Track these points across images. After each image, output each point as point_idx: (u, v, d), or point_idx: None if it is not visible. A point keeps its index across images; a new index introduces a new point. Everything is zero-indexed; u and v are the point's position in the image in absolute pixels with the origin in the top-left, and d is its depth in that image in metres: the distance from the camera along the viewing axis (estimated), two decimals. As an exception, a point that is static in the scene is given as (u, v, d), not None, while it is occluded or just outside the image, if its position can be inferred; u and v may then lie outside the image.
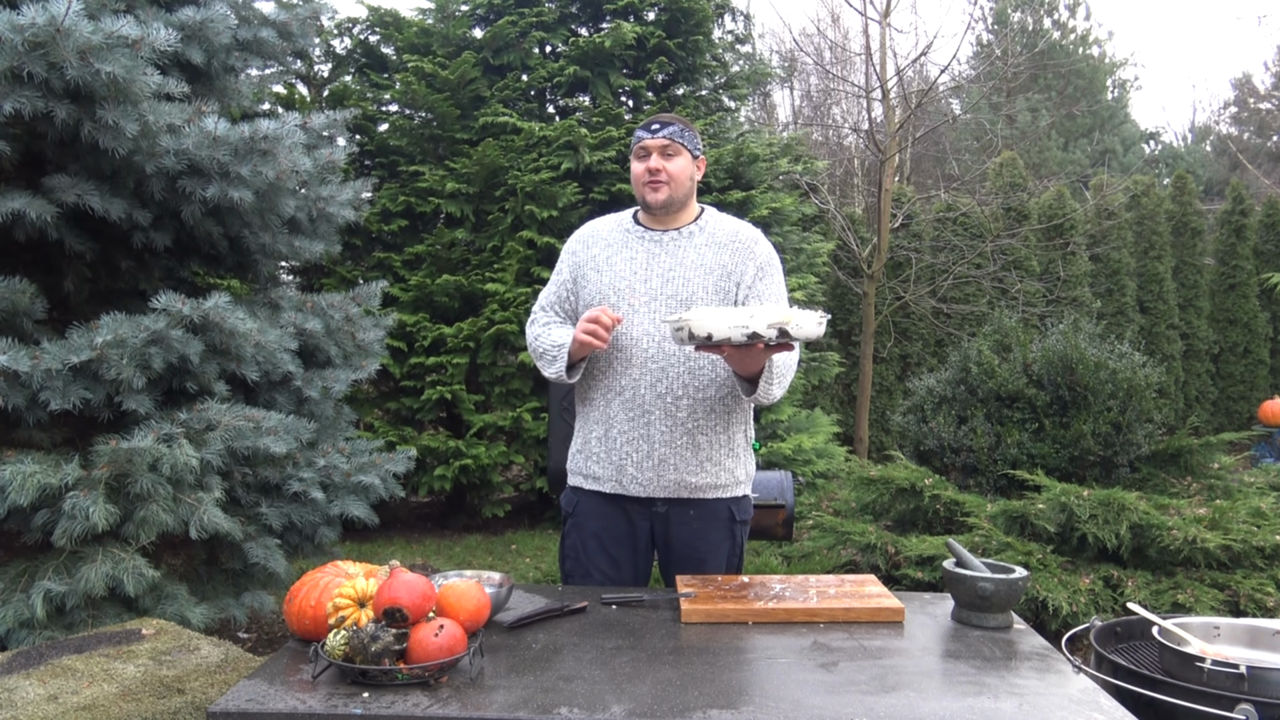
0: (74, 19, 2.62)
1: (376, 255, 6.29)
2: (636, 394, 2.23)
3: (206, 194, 3.12)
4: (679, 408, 2.22)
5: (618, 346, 2.24)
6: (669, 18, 6.63)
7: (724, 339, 1.88)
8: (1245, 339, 10.74)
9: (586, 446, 2.33)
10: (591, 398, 2.32)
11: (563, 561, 2.41)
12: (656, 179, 2.25)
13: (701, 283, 2.24)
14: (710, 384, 2.23)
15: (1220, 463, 4.25)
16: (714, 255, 2.27)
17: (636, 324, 2.23)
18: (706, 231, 2.32)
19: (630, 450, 2.24)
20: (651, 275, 2.26)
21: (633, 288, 2.25)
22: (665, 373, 2.21)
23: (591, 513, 2.33)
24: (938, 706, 1.52)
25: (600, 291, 2.28)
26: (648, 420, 2.22)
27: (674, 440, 2.22)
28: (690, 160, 2.29)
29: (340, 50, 6.91)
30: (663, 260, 2.27)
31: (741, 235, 2.32)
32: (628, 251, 2.31)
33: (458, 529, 6.39)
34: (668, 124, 2.26)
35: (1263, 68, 26.06)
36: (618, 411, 2.25)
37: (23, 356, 2.72)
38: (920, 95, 8.25)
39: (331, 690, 1.55)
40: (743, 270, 2.27)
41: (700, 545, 2.30)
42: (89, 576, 2.75)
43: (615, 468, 2.27)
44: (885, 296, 8.70)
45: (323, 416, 3.77)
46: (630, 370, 2.23)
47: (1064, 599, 3.33)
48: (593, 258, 2.34)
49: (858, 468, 4.64)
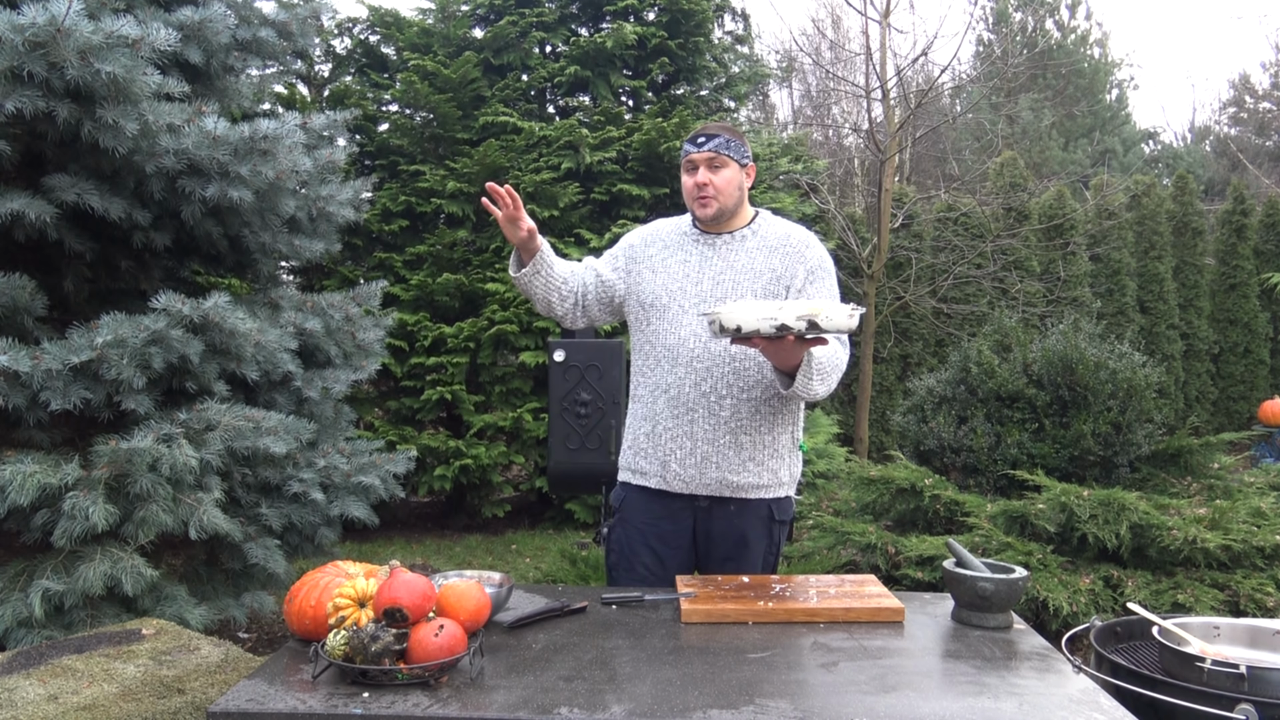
0: (74, 19, 2.62)
1: (377, 255, 6.29)
2: (681, 392, 2.26)
3: (206, 194, 3.12)
4: (722, 406, 2.25)
5: (665, 345, 2.29)
6: (669, 18, 6.64)
7: (752, 330, 1.90)
8: (1245, 339, 10.73)
9: (635, 443, 2.38)
10: (640, 395, 2.37)
11: (608, 555, 2.45)
12: (704, 194, 2.28)
13: (750, 286, 2.28)
14: (756, 385, 2.25)
15: (1220, 463, 4.25)
16: (764, 259, 2.31)
17: (685, 325, 2.27)
18: (759, 235, 2.34)
19: (674, 447, 2.28)
20: (703, 278, 2.30)
21: (684, 289, 2.30)
22: (710, 372, 2.25)
23: (637, 508, 2.37)
24: (938, 706, 1.52)
25: (654, 292, 2.33)
26: (692, 418, 2.26)
27: (717, 439, 2.25)
28: (738, 170, 2.31)
29: (340, 50, 6.91)
30: (714, 264, 2.32)
31: (793, 239, 2.34)
32: (682, 254, 2.35)
33: (458, 529, 6.39)
34: (713, 136, 2.28)
35: (1260, 68, 26.09)
36: (664, 409, 2.29)
37: (23, 357, 2.72)
38: (920, 95, 8.25)
39: (331, 690, 1.55)
40: (793, 274, 2.30)
41: (737, 541, 2.33)
42: (87, 576, 2.75)
43: (660, 463, 2.31)
44: (885, 296, 8.69)
45: (323, 416, 3.77)
46: (676, 369, 2.27)
47: (1064, 599, 3.33)
48: (649, 257, 2.39)
49: (858, 468, 4.63)
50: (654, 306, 2.33)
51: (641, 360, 2.37)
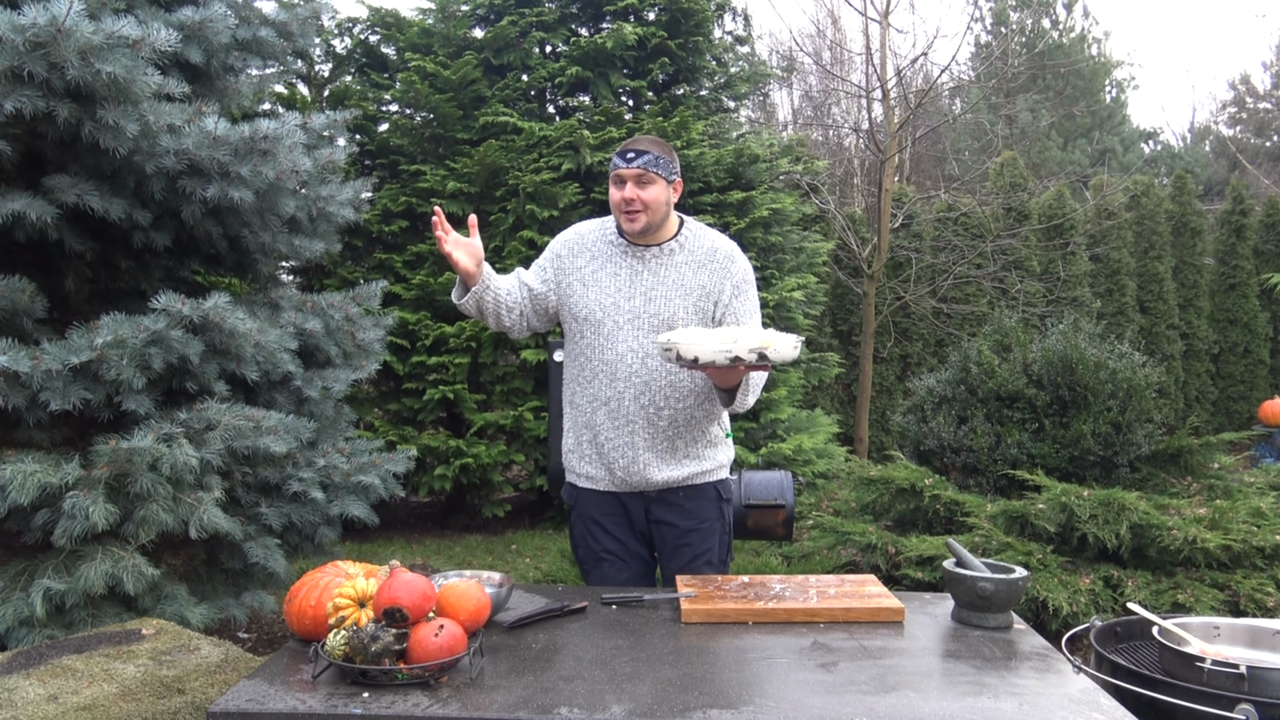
0: (75, 19, 2.62)
1: (377, 255, 6.29)
2: (621, 405, 2.36)
3: (206, 194, 3.12)
4: (660, 418, 2.36)
5: (604, 360, 2.36)
6: (669, 18, 6.64)
7: (709, 362, 2.02)
8: (1245, 339, 10.74)
9: (579, 447, 2.47)
10: (579, 403, 2.44)
11: (575, 550, 2.56)
12: (632, 209, 2.32)
13: (682, 303, 2.35)
14: (689, 394, 2.37)
15: (1220, 463, 4.25)
16: (693, 275, 2.37)
17: (621, 340, 2.35)
18: (686, 249, 2.40)
19: (617, 456, 2.39)
20: (635, 294, 2.37)
21: (617, 305, 2.37)
22: (648, 386, 2.34)
23: (591, 503, 2.48)
24: (938, 706, 1.52)
25: (586, 307, 2.39)
26: (632, 429, 2.36)
27: (656, 445, 2.37)
28: (666, 186, 2.35)
29: (341, 50, 6.91)
30: (645, 279, 2.38)
31: (719, 253, 2.41)
32: (612, 267, 2.40)
33: (458, 529, 6.39)
34: (643, 152, 2.32)
35: (1261, 68, 26.07)
36: (604, 420, 2.38)
37: (23, 357, 2.72)
38: (920, 95, 8.25)
39: (331, 690, 1.55)
40: (720, 289, 2.38)
41: (692, 522, 2.44)
42: (88, 575, 2.75)
43: (606, 469, 2.42)
44: (885, 296, 8.69)
45: (323, 416, 3.77)
46: (615, 384, 2.36)
47: (1064, 599, 3.33)
48: (579, 269, 2.43)
49: (858, 468, 4.63)
50: (588, 321, 2.38)
51: (577, 370, 2.44)
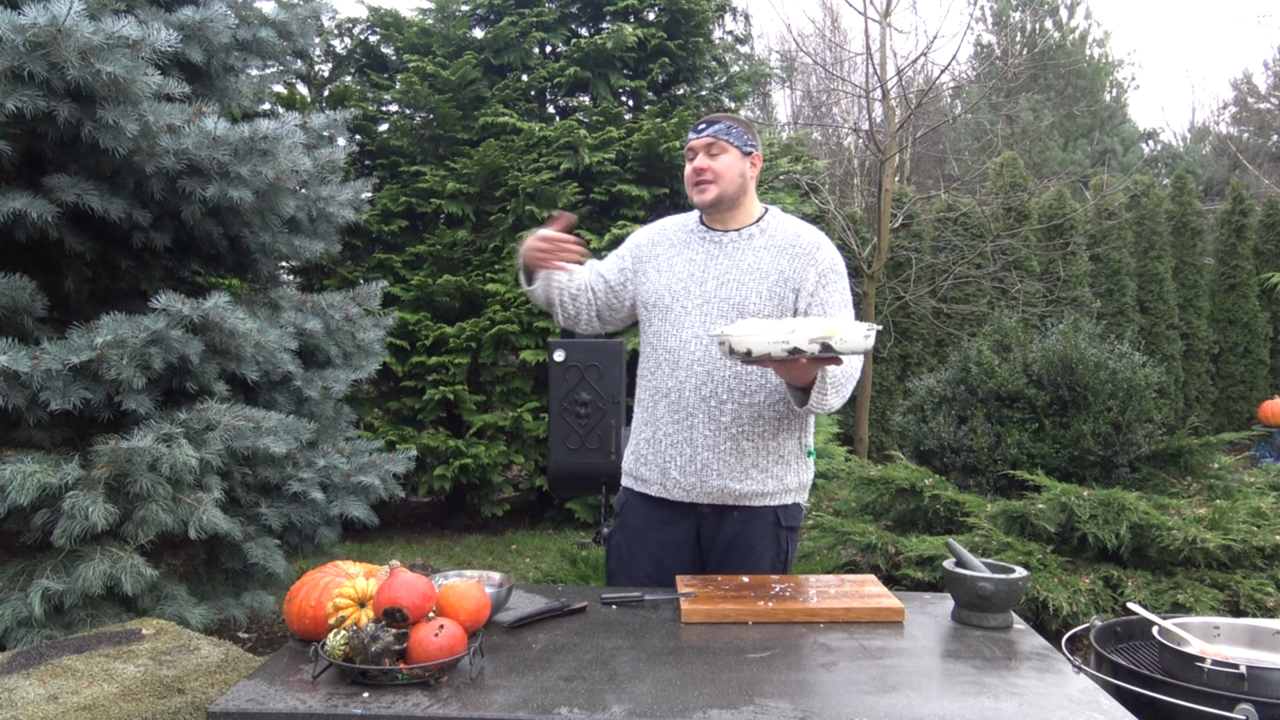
0: (75, 19, 2.62)
1: (377, 256, 6.30)
2: (681, 396, 2.20)
3: (206, 194, 3.12)
4: (723, 412, 2.17)
5: (667, 348, 2.23)
6: (669, 19, 6.64)
7: (764, 354, 1.83)
8: (1245, 339, 10.74)
9: (637, 448, 2.32)
10: (642, 399, 2.32)
11: (608, 559, 2.41)
12: (702, 178, 2.21)
13: (756, 288, 2.19)
14: (758, 390, 2.18)
15: (1220, 463, 4.25)
16: (771, 260, 2.22)
17: (687, 326, 2.20)
18: (767, 234, 2.26)
19: (674, 454, 2.21)
20: (707, 278, 2.23)
21: (688, 290, 2.23)
22: (710, 376, 2.17)
23: (638, 513, 2.32)
24: (938, 706, 1.52)
25: (656, 292, 2.27)
26: (691, 424, 2.19)
27: (717, 445, 2.18)
28: (740, 156, 2.23)
29: (340, 50, 6.92)
30: (720, 263, 2.24)
31: (803, 239, 2.25)
32: (688, 252, 2.28)
33: (458, 529, 6.39)
34: (713, 122, 2.22)
35: (1262, 67, 26.06)
36: (664, 414, 2.23)
37: (23, 357, 2.72)
38: (921, 95, 8.25)
39: (331, 690, 1.55)
40: (802, 277, 2.20)
41: (743, 548, 2.26)
42: (87, 575, 2.75)
43: (660, 470, 2.24)
44: (885, 296, 8.69)
45: (323, 416, 3.77)
46: (677, 372, 2.20)
47: (1064, 599, 3.33)
48: (655, 256, 2.33)
49: (858, 468, 4.63)
50: (656, 307, 2.27)
51: (645, 362, 2.32)
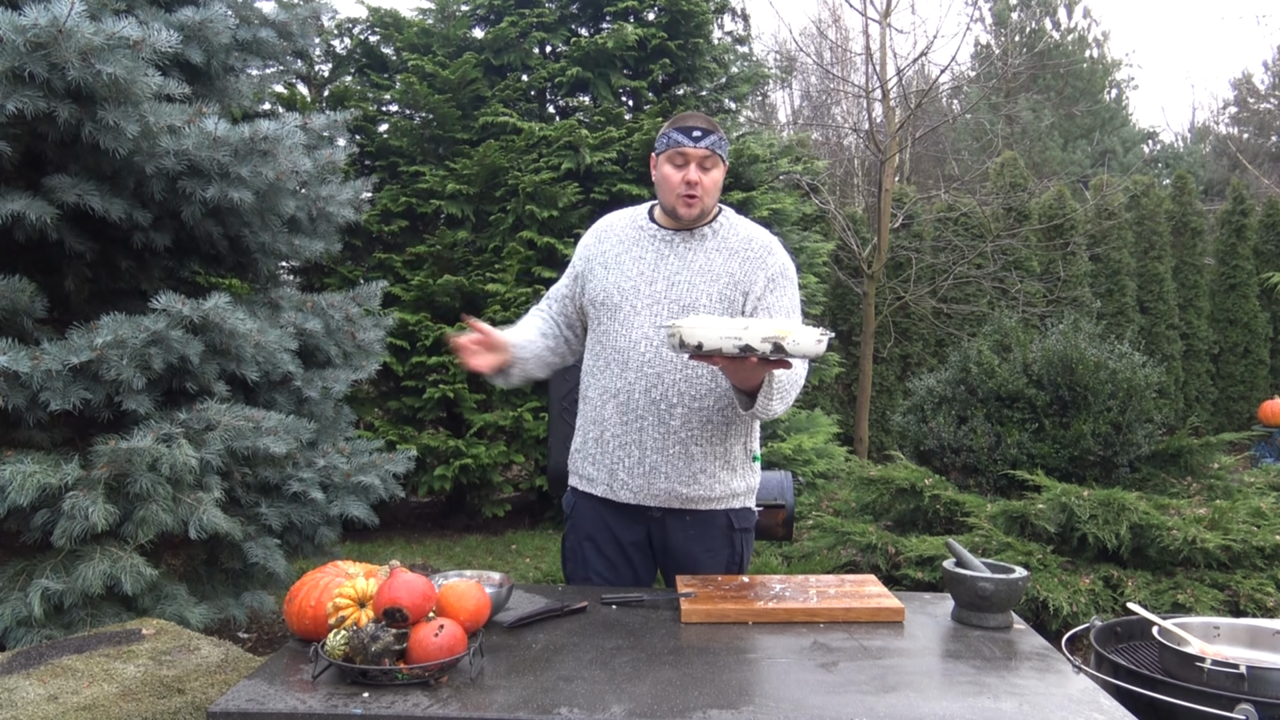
0: (76, 20, 2.62)
1: (377, 256, 6.30)
2: (630, 398, 2.16)
3: (206, 194, 3.12)
4: (672, 415, 2.14)
5: (616, 348, 2.18)
6: (669, 19, 6.64)
7: (714, 349, 1.77)
8: (1245, 339, 10.74)
9: (584, 446, 2.28)
10: (589, 396, 2.28)
11: (564, 563, 2.40)
12: (693, 193, 2.14)
13: (706, 290, 2.15)
14: (708, 394, 2.15)
15: (1220, 463, 4.25)
16: (723, 262, 2.18)
17: (636, 327, 2.16)
18: (719, 235, 2.22)
19: (622, 455, 2.19)
20: (657, 278, 2.18)
21: (637, 289, 2.18)
22: (660, 379, 2.14)
23: (587, 515, 2.29)
24: (938, 706, 1.52)
25: (605, 290, 2.22)
26: (640, 426, 2.16)
27: (666, 448, 2.15)
28: (723, 170, 2.20)
29: (340, 50, 6.91)
30: (671, 262, 2.19)
31: (754, 243, 2.21)
32: (637, 250, 2.23)
33: (458, 529, 6.39)
34: (709, 132, 2.14)
35: (1262, 68, 26.05)
36: (611, 414, 2.19)
37: (23, 357, 2.72)
38: (920, 95, 8.25)
39: (331, 690, 1.55)
40: (752, 280, 2.17)
41: (697, 551, 2.24)
42: (87, 575, 2.75)
43: (608, 471, 2.21)
44: (885, 296, 8.69)
45: (323, 416, 3.77)
46: (626, 373, 2.16)
47: (1064, 599, 3.33)
48: (603, 254, 2.27)
49: (858, 468, 4.64)
50: (605, 305, 2.21)
51: (592, 361, 2.26)
